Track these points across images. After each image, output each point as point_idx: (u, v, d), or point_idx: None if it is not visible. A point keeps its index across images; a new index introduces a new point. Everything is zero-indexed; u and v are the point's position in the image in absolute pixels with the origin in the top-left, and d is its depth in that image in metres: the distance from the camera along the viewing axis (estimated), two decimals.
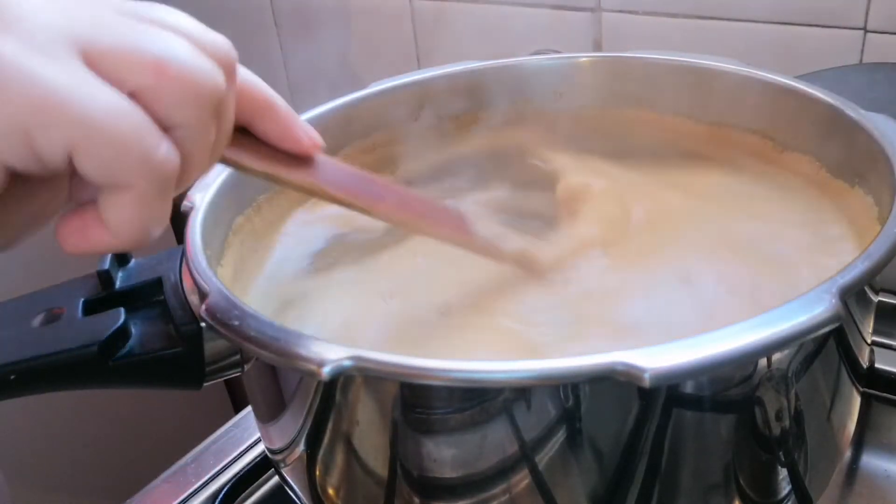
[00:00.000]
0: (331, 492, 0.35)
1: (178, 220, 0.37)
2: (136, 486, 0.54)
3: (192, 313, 0.37)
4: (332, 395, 0.32)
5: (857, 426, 0.38)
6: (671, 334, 0.27)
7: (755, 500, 0.33)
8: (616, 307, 0.38)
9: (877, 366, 0.52)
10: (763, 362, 0.30)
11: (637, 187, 0.47)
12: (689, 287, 0.39)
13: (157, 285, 0.39)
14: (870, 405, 0.52)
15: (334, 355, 0.28)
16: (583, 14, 0.76)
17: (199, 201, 0.39)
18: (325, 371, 0.27)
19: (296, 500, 0.39)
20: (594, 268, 0.41)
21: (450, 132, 0.53)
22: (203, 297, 0.33)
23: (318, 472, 0.35)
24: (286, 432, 0.36)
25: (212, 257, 0.37)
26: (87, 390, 0.37)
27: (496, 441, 0.30)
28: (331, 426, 0.33)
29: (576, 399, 0.29)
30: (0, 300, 0.38)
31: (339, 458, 0.34)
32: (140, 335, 0.37)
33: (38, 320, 0.37)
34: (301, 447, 0.35)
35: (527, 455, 0.30)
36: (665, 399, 0.29)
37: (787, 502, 0.35)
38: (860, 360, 0.35)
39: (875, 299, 0.35)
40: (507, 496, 0.31)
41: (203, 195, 0.40)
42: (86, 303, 0.38)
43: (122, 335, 0.36)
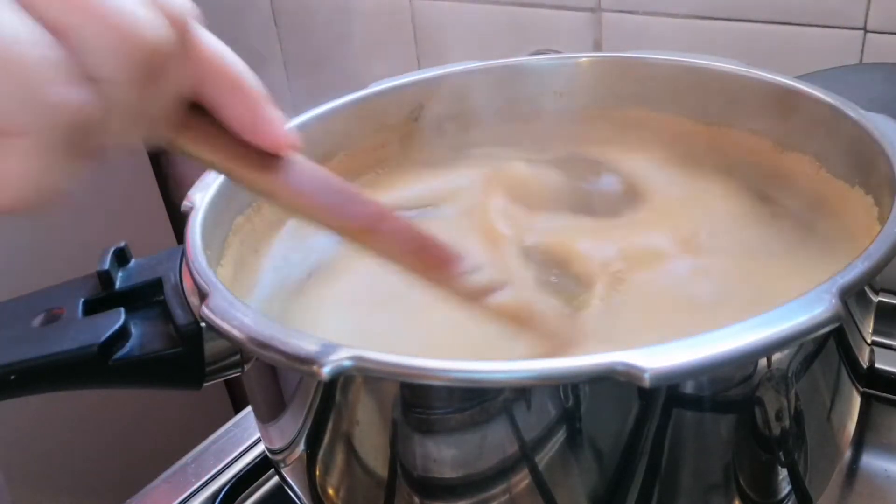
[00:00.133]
0: (331, 492, 0.35)
1: (178, 220, 0.37)
2: (136, 486, 0.54)
3: (192, 313, 0.37)
4: (332, 395, 0.32)
5: (857, 426, 0.38)
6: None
7: (755, 500, 0.33)
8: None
9: (877, 366, 0.52)
10: (763, 362, 0.30)
11: (638, 187, 0.47)
12: (689, 286, 0.39)
13: (157, 285, 0.39)
14: (870, 405, 0.52)
15: (334, 355, 0.28)
16: (583, 14, 0.76)
17: (199, 201, 0.39)
18: (325, 371, 0.27)
19: (296, 500, 0.39)
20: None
21: (450, 132, 0.53)
22: (203, 297, 0.33)
23: (318, 472, 0.35)
24: (286, 432, 0.36)
25: (212, 257, 0.37)
26: (87, 390, 0.37)
27: (496, 441, 0.30)
28: (331, 426, 0.33)
29: (576, 399, 0.29)
30: (0, 300, 0.39)
31: (339, 458, 0.34)
32: (140, 335, 0.37)
33: (38, 320, 0.37)
34: (301, 447, 0.35)
35: (527, 455, 0.30)
36: (665, 399, 0.29)
37: (787, 502, 0.35)
38: (860, 360, 0.35)
39: (875, 299, 0.35)
40: (507, 496, 0.31)
41: (203, 195, 0.39)
42: (86, 303, 0.38)
43: (122, 335, 0.36)
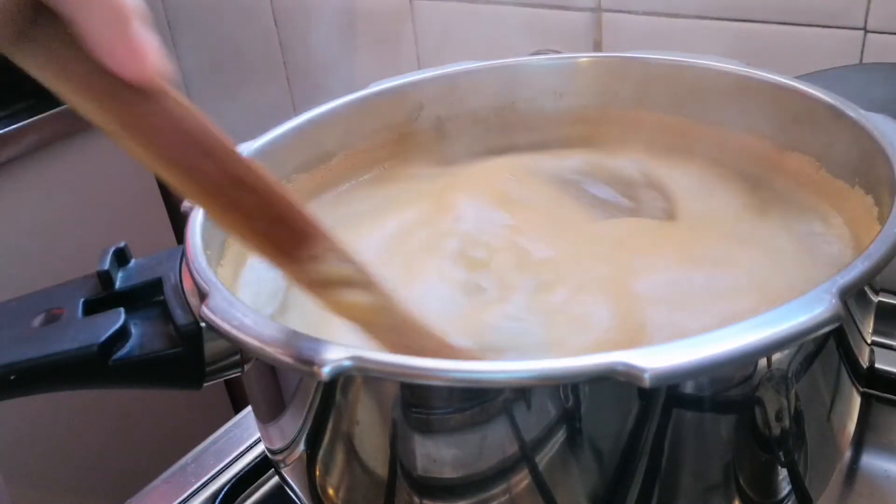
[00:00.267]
0: (331, 492, 0.35)
1: (178, 220, 0.37)
2: (136, 486, 0.54)
3: (192, 313, 0.37)
4: (332, 395, 0.32)
5: (857, 426, 0.38)
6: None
7: (755, 500, 0.33)
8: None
9: (877, 366, 0.52)
10: (763, 362, 0.30)
11: (638, 187, 0.47)
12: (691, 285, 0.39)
13: (157, 285, 0.39)
14: (870, 405, 0.52)
15: (334, 355, 0.28)
16: (583, 14, 0.76)
17: None
18: (325, 371, 0.27)
19: (296, 500, 0.39)
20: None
21: (450, 132, 0.53)
22: (203, 297, 0.33)
23: (318, 472, 0.35)
24: (286, 432, 0.36)
25: (212, 257, 0.37)
26: (87, 390, 0.37)
27: (496, 441, 0.30)
28: (331, 426, 0.33)
29: (576, 399, 0.29)
30: (0, 300, 0.39)
31: (339, 458, 0.34)
32: (140, 335, 0.37)
33: (38, 320, 0.37)
34: (301, 447, 0.35)
35: (527, 455, 0.30)
36: (665, 399, 0.29)
37: (787, 502, 0.35)
38: (860, 360, 0.35)
39: (875, 299, 0.35)
40: (507, 496, 0.31)
41: None
42: (86, 303, 0.38)
43: (121, 335, 0.36)
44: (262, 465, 0.54)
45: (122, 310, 0.37)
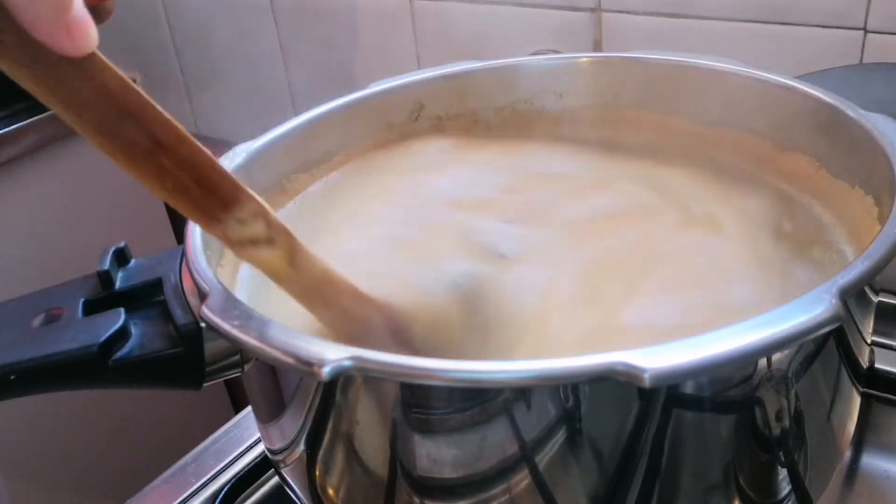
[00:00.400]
0: (331, 492, 0.35)
1: (178, 220, 0.37)
2: (136, 486, 0.54)
3: (192, 313, 0.37)
4: (332, 395, 0.32)
5: (857, 426, 0.38)
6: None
7: (755, 500, 0.33)
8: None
9: (877, 366, 0.52)
10: (763, 362, 0.30)
11: (639, 186, 0.47)
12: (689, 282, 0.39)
13: (157, 285, 0.39)
14: (870, 405, 0.52)
15: (334, 355, 0.28)
16: (583, 14, 0.76)
17: None
18: (325, 371, 0.27)
19: (296, 500, 0.39)
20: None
21: (449, 132, 0.53)
22: (203, 297, 0.33)
23: (318, 472, 0.35)
24: (286, 432, 0.36)
25: (212, 257, 0.37)
26: (87, 390, 0.37)
27: (496, 441, 0.30)
28: (331, 426, 0.33)
29: (576, 399, 0.29)
30: (0, 300, 0.39)
31: (339, 458, 0.34)
32: (140, 335, 0.37)
33: (38, 320, 0.37)
34: (301, 447, 0.35)
35: (527, 455, 0.30)
36: (665, 399, 0.29)
37: (787, 502, 0.35)
38: (860, 360, 0.35)
39: (875, 299, 0.35)
40: (507, 496, 0.31)
41: None
42: (86, 303, 0.38)
43: (121, 335, 0.36)
44: (262, 465, 0.54)
45: (122, 310, 0.37)
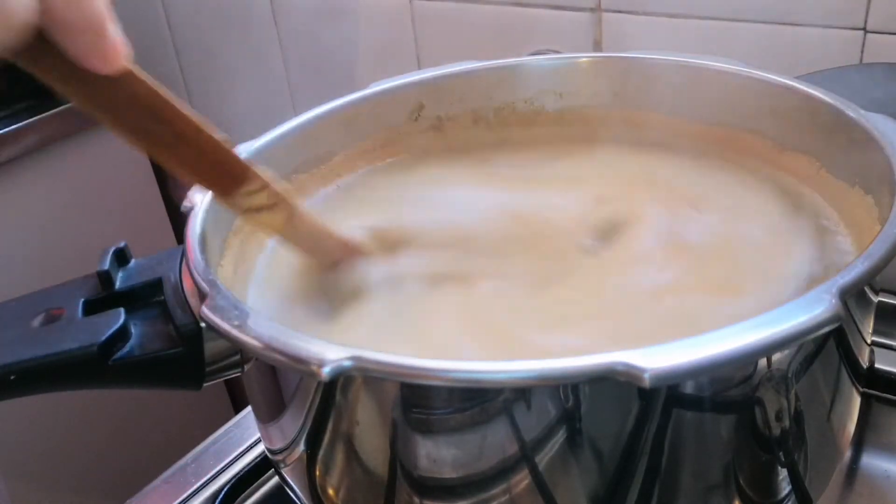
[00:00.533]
0: (331, 492, 0.35)
1: (178, 220, 0.37)
2: (136, 486, 0.54)
3: (192, 313, 0.37)
4: (332, 395, 0.32)
5: (857, 426, 0.38)
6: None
7: (755, 500, 0.33)
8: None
9: (877, 366, 0.52)
10: (763, 362, 0.30)
11: (639, 187, 0.47)
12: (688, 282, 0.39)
13: (157, 285, 0.39)
14: (870, 405, 0.52)
15: (334, 355, 0.28)
16: (583, 14, 0.76)
17: (199, 201, 0.39)
18: (325, 371, 0.27)
19: (296, 500, 0.39)
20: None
21: (450, 132, 0.53)
22: (203, 297, 0.33)
23: (318, 472, 0.35)
24: (286, 432, 0.36)
25: (212, 257, 0.37)
26: (87, 390, 0.37)
27: (496, 441, 0.30)
28: (331, 426, 0.33)
29: (576, 399, 0.29)
30: (0, 300, 0.39)
31: (339, 458, 0.34)
32: (140, 335, 0.37)
33: (38, 320, 0.37)
34: (301, 447, 0.35)
35: (527, 455, 0.30)
36: (665, 399, 0.29)
37: (787, 502, 0.35)
38: (860, 360, 0.35)
39: (875, 299, 0.35)
40: (507, 496, 0.31)
41: (203, 195, 0.40)
42: (86, 303, 0.38)
43: (121, 335, 0.36)
44: (262, 465, 0.54)
45: (122, 310, 0.37)
